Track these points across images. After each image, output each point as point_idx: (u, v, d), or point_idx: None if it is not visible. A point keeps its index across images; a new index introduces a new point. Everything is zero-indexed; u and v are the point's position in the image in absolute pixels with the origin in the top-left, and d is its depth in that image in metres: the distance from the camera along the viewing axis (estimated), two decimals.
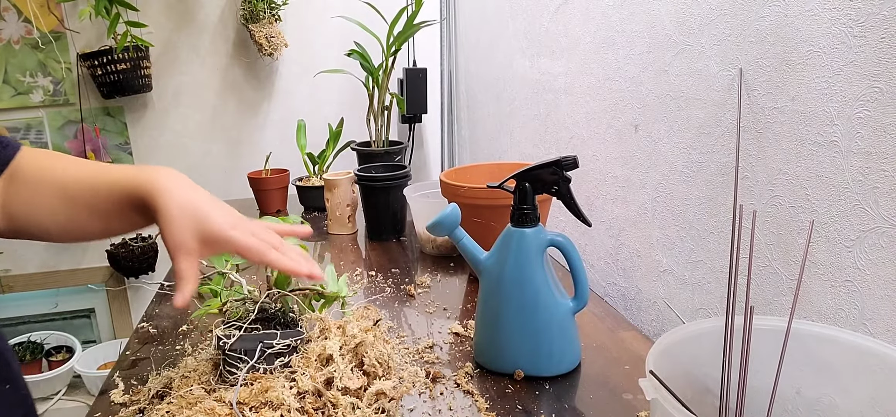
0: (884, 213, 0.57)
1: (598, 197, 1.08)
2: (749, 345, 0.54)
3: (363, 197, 1.37)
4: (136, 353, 0.88)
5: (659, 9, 0.86)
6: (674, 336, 0.56)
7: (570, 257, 0.76)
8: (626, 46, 0.95)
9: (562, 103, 1.19)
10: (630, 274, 1.01)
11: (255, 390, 0.62)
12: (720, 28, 0.75)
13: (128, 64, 1.80)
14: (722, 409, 0.55)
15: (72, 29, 1.87)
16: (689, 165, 0.83)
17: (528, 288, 0.75)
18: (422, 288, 1.08)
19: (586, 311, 0.94)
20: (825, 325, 0.58)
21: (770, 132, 0.69)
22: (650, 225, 0.94)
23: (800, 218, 0.67)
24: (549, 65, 1.23)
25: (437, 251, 1.25)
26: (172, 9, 1.93)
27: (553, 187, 0.77)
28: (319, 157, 1.71)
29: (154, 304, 1.05)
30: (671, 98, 0.85)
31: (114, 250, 1.89)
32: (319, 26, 2.02)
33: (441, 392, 0.74)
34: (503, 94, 1.49)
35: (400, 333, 0.90)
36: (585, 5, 1.06)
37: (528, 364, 0.77)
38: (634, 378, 0.76)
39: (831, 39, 0.61)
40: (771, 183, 0.70)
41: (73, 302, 2.21)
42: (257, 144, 2.07)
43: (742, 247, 0.61)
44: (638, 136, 0.94)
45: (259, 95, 2.05)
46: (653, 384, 0.49)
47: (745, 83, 0.72)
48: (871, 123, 0.58)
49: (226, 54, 2.00)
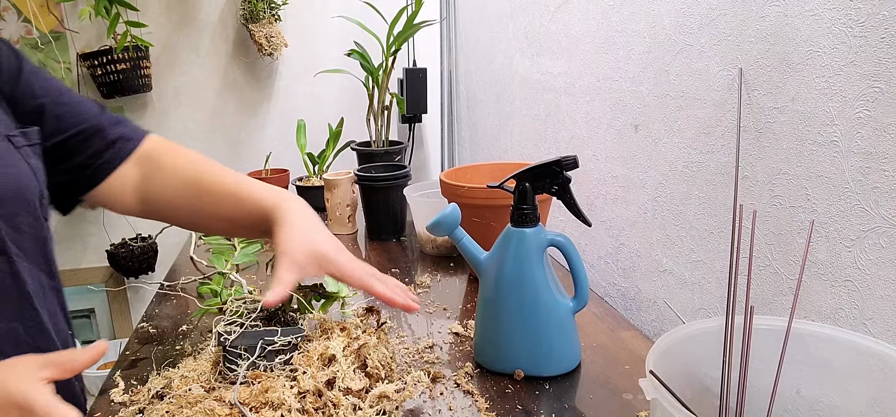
0: (884, 213, 0.57)
1: (598, 197, 1.08)
2: (749, 345, 0.54)
3: (363, 197, 1.37)
4: (136, 353, 0.88)
5: (659, 9, 0.86)
6: (674, 336, 0.56)
7: (570, 257, 0.76)
8: (626, 46, 0.95)
9: (562, 103, 1.19)
10: (630, 274, 1.01)
11: (255, 390, 0.62)
12: (720, 28, 0.75)
13: (128, 64, 1.80)
14: (722, 409, 0.55)
15: (71, 29, 1.87)
16: (689, 165, 0.83)
17: (527, 288, 0.75)
18: (422, 288, 1.08)
19: (586, 311, 0.94)
20: (825, 325, 0.58)
21: (770, 132, 0.69)
22: (650, 226, 0.94)
23: (800, 217, 0.67)
24: (549, 65, 1.23)
25: (437, 251, 1.25)
26: (172, 9, 1.93)
27: (553, 187, 0.77)
28: (319, 157, 1.71)
29: (154, 304, 1.05)
30: (671, 98, 0.85)
31: (114, 250, 1.89)
32: (319, 26, 2.02)
33: (441, 392, 0.74)
34: (503, 94, 1.49)
35: (400, 333, 0.90)
36: (585, 5, 1.06)
37: (528, 364, 0.77)
38: (634, 378, 0.76)
39: (831, 39, 0.61)
40: (771, 183, 0.70)
41: (72, 302, 2.20)
42: (257, 144, 2.07)
43: (742, 247, 0.61)
44: (638, 136, 0.94)
45: (259, 95, 2.05)
46: (653, 384, 0.49)
47: (745, 83, 0.72)
48: (871, 123, 0.58)
49: (226, 54, 2.00)
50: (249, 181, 0.80)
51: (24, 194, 0.67)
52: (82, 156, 0.77)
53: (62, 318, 0.75)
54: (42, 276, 0.70)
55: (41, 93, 0.75)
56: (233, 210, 0.78)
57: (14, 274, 0.65)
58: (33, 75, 0.75)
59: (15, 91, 0.73)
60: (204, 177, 0.80)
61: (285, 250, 0.69)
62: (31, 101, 0.74)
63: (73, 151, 0.77)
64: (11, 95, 0.73)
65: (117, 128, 0.80)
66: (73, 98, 0.79)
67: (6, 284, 0.65)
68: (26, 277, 0.67)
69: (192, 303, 1.04)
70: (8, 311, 0.65)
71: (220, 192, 0.79)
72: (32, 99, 0.74)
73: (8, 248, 0.64)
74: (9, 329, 0.65)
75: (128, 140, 0.80)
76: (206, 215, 0.81)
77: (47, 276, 0.71)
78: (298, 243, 0.69)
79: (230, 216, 0.79)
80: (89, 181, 0.79)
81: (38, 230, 0.69)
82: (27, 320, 0.67)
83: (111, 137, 0.79)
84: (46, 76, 0.77)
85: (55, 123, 0.76)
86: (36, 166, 0.70)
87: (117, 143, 0.79)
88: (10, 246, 0.65)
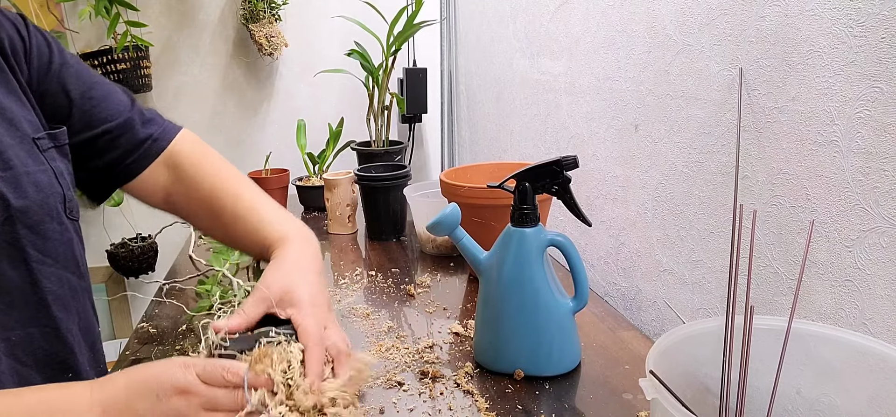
0: (884, 213, 0.57)
1: (598, 197, 1.08)
2: (749, 345, 0.54)
3: (363, 197, 1.37)
4: (135, 353, 0.88)
5: (659, 9, 0.86)
6: (674, 336, 0.56)
7: (570, 257, 0.76)
8: (626, 46, 0.95)
9: (562, 103, 1.19)
10: (630, 274, 1.01)
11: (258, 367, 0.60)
12: (720, 28, 0.75)
13: (128, 64, 1.80)
14: (722, 409, 0.55)
15: (72, 29, 1.87)
16: (689, 165, 0.83)
17: (527, 288, 0.75)
18: (422, 288, 1.08)
19: (586, 311, 0.94)
20: (825, 325, 0.58)
21: (770, 132, 0.69)
22: (650, 225, 0.94)
23: (800, 217, 0.67)
24: (549, 65, 1.23)
25: (437, 251, 1.25)
26: (172, 9, 1.93)
27: (553, 187, 0.77)
28: (319, 157, 1.71)
29: (154, 304, 1.05)
30: (671, 98, 0.85)
31: (114, 250, 1.89)
32: (319, 26, 2.02)
33: (441, 392, 0.74)
34: (503, 94, 1.49)
35: (400, 333, 0.90)
36: (585, 5, 1.06)
37: (528, 363, 0.77)
38: (634, 378, 0.76)
39: (831, 39, 0.61)
40: (771, 183, 0.70)
41: None
42: (257, 144, 2.07)
43: (742, 247, 0.61)
44: (638, 136, 0.94)
45: (259, 95, 2.05)
46: (653, 384, 0.49)
47: (745, 83, 0.72)
48: (871, 123, 0.58)
49: (226, 54, 2.00)
50: (262, 208, 0.79)
51: (48, 200, 0.67)
52: (111, 154, 0.77)
53: (92, 316, 0.75)
54: (71, 278, 0.70)
55: (71, 87, 0.74)
56: (242, 236, 0.79)
57: (33, 282, 0.66)
58: (64, 67, 0.74)
59: (43, 84, 0.72)
60: (218, 199, 0.80)
61: (261, 283, 0.67)
62: (60, 96, 0.73)
63: (102, 149, 0.77)
64: (39, 89, 0.72)
65: (147, 126, 0.79)
66: (103, 91, 0.77)
67: (24, 291, 0.65)
68: (47, 283, 0.67)
69: (192, 303, 1.04)
70: (24, 317, 0.66)
71: (232, 216, 0.79)
72: (62, 94, 0.73)
73: (28, 256, 0.65)
74: (25, 334, 0.66)
75: (155, 140, 0.79)
76: (219, 235, 0.83)
77: (76, 277, 0.71)
78: (277, 281, 0.67)
79: (241, 240, 0.80)
80: (118, 179, 0.79)
81: (64, 233, 0.69)
82: (43, 325, 0.68)
83: (140, 137, 0.78)
84: (78, 68, 0.76)
85: (83, 120, 0.75)
86: (60, 169, 0.70)
87: (145, 143, 0.78)
88: (30, 254, 0.65)
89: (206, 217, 0.81)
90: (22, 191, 0.64)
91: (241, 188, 0.81)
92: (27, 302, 0.66)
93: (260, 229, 0.77)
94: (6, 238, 0.63)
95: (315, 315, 0.65)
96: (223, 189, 0.80)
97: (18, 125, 0.67)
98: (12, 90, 0.68)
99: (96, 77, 0.78)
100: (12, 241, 0.64)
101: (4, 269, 0.63)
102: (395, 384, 0.76)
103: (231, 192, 0.80)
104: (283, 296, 0.65)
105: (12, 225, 0.63)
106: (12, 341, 0.64)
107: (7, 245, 0.63)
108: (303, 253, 0.73)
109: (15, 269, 0.64)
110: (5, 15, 0.71)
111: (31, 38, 0.72)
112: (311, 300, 0.66)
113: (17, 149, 0.65)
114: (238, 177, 0.82)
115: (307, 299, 0.65)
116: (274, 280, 0.67)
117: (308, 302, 0.65)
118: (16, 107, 0.68)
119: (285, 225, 0.77)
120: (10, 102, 0.67)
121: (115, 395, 0.55)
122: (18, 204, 0.63)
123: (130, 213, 1.97)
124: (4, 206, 0.62)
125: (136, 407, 0.54)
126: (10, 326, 0.64)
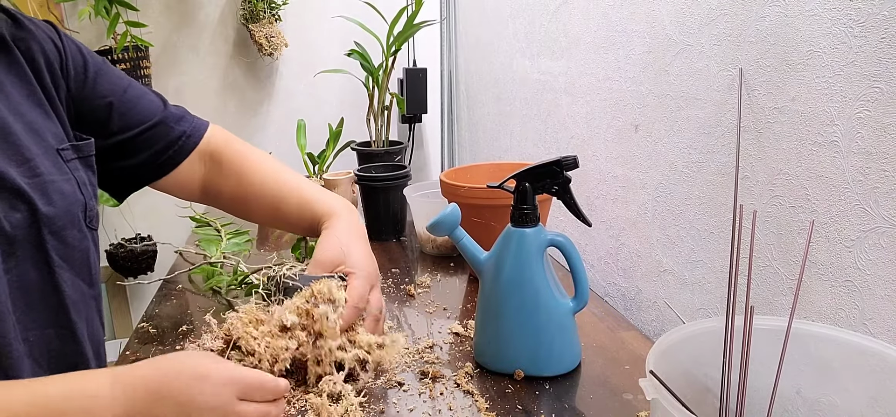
0: (884, 213, 0.57)
1: (598, 197, 1.08)
2: (749, 345, 0.54)
3: (363, 197, 1.37)
4: (136, 353, 0.88)
5: (659, 9, 0.86)
6: (674, 336, 0.56)
7: (570, 257, 0.76)
8: (626, 46, 0.95)
9: (562, 103, 1.19)
10: (630, 274, 1.01)
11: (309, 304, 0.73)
12: (720, 28, 0.75)
13: (128, 64, 1.80)
14: (722, 409, 0.55)
15: (71, 29, 1.86)
16: (689, 165, 0.83)
17: (527, 288, 0.75)
18: (422, 288, 1.08)
19: (586, 311, 0.94)
20: (825, 325, 0.58)
21: (770, 132, 0.69)
22: (650, 226, 0.94)
23: (800, 218, 0.67)
24: (549, 65, 1.23)
25: (437, 251, 1.25)
26: (172, 9, 1.93)
27: (553, 187, 0.77)
28: (319, 157, 1.71)
29: (154, 304, 1.05)
30: (671, 98, 0.85)
31: (113, 250, 1.89)
32: (319, 26, 2.02)
33: (441, 392, 0.74)
34: (503, 94, 1.49)
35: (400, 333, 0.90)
36: (585, 5, 1.06)
37: (528, 363, 0.77)
38: (634, 378, 0.76)
39: (831, 39, 0.61)
40: (771, 183, 0.70)
41: None
42: (257, 144, 2.04)
43: (742, 247, 0.61)
44: (638, 136, 0.94)
45: (259, 95, 2.05)
46: (653, 384, 0.49)
47: (745, 83, 0.72)
48: (871, 123, 0.58)
49: (226, 54, 2.00)
50: (305, 187, 0.87)
51: (71, 208, 0.69)
52: (145, 153, 0.81)
53: (98, 323, 0.77)
54: (83, 286, 0.72)
55: (108, 91, 0.78)
56: (289, 215, 0.86)
57: (54, 285, 0.68)
58: (99, 74, 0.78)
59: (81, 92, 0.76)
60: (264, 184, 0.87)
61: (317, 253, 0.77)
62: (98, 101, 0.77)
63: (137, 148, 0.81)
64: (77, 96, 0.75)
65: (180, 124, 0.84)
66: (137, 92, 0.81)
67: (45, 293, 0.68)
68: (66, 288, 0.69)
69: (192, 302, 1.04)
70: (43, 318, 0.68)
71: (277, 198, 0.86)
72: (99, 98, 0.77)
73: (51, 260, 0.67)
74: (43, 335, 0.68)
75: (189, 136, 0.84)
76: (263, 217, 0.90)
77: (88, 285, 0.73)
78: (332, 248, 0.77)
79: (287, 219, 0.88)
80: (152, 175, 0.83)
81: (83, 241, 0.71)
82: (60, 327, 0.69)
83: (174, 134, 0.83)
84: (111, 72, 0.80)
85: (121, 122, 0.79)
86: (83, 179, 0.72)
87: (180, 140, 0.83)
88: (53, 259, 0.67)
89: (252, 200, 0.87)
90: (48, 198, 0.66)
91: (282, 172, 0.88)
92: (47, 304, 0.68)
93: (307, 206, 0.85)
94: (32, 241, 0.65)
95: (365, 277, 0.76)
96: (266, 174, 0.87)
97: (43, 136, 0.69)
98: (39, 102, 0.70)
99: (126, 78, 0.82)
100: (37, 245, 0.66)
101: (28, 270, 0.65)
102: (395, 384, 0.76)
103: (272, 177, 0.87)
104: (338, 264, 0.76)
105: (38, 229, 0.65)
106: (30, 341, 0.66)
107: (32, 247, 0.65)
108: (351, 224, 0.82)
109: (38, 271, 0.66)
110: (38, 25, 0.73)
111: (66, 49, 0.75)
112: (360, 264, 0.76)
113: (43, 158, 0.68)
114: (276, 161, 0.90)
115: (358, 264, 0.76)
116: (329, 247, 0.77)
117: (359, 267, 0.76)
118: (40, 119, 0.70)
119: (329, 200, 0.85)
120: (35, 115, 0.69)
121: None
122: (45, 210, 0.66)
123: (130, 213, 1.97)
124: (32, 211, 0.65)
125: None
126: (29, 326, 0.66)
